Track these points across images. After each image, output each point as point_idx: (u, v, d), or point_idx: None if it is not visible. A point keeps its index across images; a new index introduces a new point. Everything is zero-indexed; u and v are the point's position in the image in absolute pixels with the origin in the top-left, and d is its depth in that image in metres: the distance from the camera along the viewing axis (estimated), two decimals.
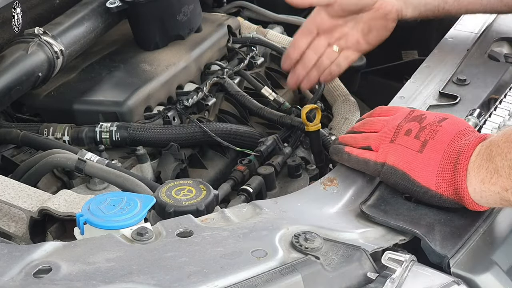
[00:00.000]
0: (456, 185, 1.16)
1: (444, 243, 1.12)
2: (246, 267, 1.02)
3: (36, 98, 1.70)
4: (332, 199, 1.23)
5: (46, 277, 0.98)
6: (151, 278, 0.99)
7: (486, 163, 1.13)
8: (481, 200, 1.15)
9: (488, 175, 1.13)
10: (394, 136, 1.23)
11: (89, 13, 1.78)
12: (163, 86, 1.74)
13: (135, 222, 1.11)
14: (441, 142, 1.19)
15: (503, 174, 1.11)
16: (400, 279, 1.04)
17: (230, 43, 1.97)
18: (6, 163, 1.56)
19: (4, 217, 1.33)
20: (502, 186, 1.11)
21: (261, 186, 1.45)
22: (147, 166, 1.57)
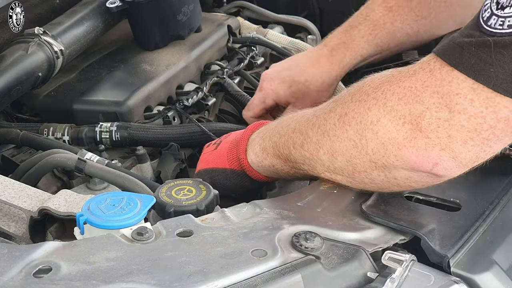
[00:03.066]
0: (239, 158, 1.35)
1: (444, 242, 1.12)
2: (246, 266, 1.02)
3: (36, 98, 1.70)
4: (332, 199, 1.22)
5: (46, 277, 0.98)
6: (151, 278, 0.99)
7: (260, 140, 1.33)
8: (259, 169, 1.34)
9: (260, 150, 1.32)
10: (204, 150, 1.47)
11: (89, 13, 1.78)
12: (163, 86, 1.74)
13: (135, 222, 1.11)
14: (231, 137, 1.40)
15: (269, 152, 1.30)
16: (400, 278, 1.04)
17: (230, 43, 1.97)
18: (6, 163, 1.56)
19: (4, 217, 1.33)
20: (270, 162, 1.31)
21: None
22: (147, 166, 1.57)
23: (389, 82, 1.13)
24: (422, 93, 1.08)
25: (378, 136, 1.12)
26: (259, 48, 2.00)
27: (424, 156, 1.09)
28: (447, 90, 1.06)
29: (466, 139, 1.07)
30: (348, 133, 1.15)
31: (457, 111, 1.06)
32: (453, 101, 1.06)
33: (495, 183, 1.26)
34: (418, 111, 1.08)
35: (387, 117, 1.11)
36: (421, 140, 1.08)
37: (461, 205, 1.20)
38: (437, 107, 1.07)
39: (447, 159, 1.09)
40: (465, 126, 1.06)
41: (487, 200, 1.21)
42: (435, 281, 1.06)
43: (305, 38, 2.14)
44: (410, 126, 1.09)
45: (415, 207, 1.21)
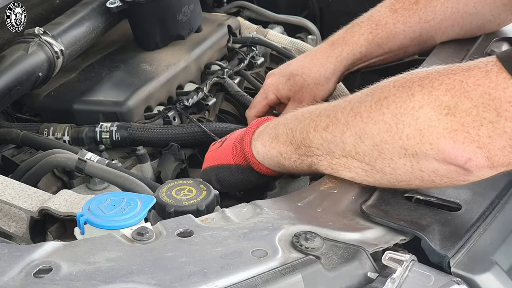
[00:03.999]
0: (244, 152, 1.34)
1: (444, 243, 1.12)
2: (246, 267, 1.02)
3: (36, 98, 1.70)
4: (332, 199, 1.22)
5: (47, 277, 0.98)
6: (152, 278, 0.99)
7: (270, 130, 1.32)
8: (264, 161, 1.33)
9: (269, 139, 1.31)
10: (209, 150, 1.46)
11: (89, 13, 1.78)
12: (163, 86, 1.74)
13: (135, 222, 1.11)
14: (235, 134, 1.40)
15: (281, 140, 1.28)
16: (400, 279, 1.04)
17: (230, 43, 1.97)
18: (6, 163, 1.56)
19: (5, 217, 1.33)
20: (278, 151, 1.29)
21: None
22: (147, 166, 1.57)
23: (439, 72, 1.12)
24: (472, 89, 1.07)
25: (417, 122, 1.11)
26: (259, 48, 2.00)
27: (460, 149, 1.09)
28: (499, 95, 1.06)
29: (505, 145, 1.07)
30: (385, 116, 1.14)
31: (504, 117, 1.05)
32: (503, 107, 1.05)
33: (495, 183, 1.26)
34: (465, 106, 1.07)
35: (431, 105, 1.10)
36: (461, 134, 1.08)
37: (461, 205, 1.20)
38: (485, 107, 1.06)
39: (481, 157, 1.08)
40: (508, 133, 1.06)
41: (487, 200, 1.21)
42: (436, 281, 1.06)
43: (305, 38, 2.15)
44: (453, 118, 1.08)
45: (415, 207, 1.21)
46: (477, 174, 1.12)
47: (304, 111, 1.30)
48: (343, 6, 1.74)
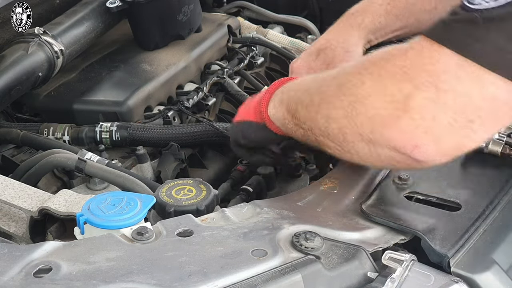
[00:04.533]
0: (261, 111, 1.35)
1: (444, 242, 1.12)
2: (246, 266, 1.02)
3: (36, 98, 1.70)
4: (332, 199, 1.23)
5: (46, 276, 0.98)
6: (151, 277, 0.99)
7: (280, 93, 1.33)
8: (277, 122, 1.34)
9: (278, 102, 1.32)
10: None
11: (89, 13, 1.78)
12: (163, 86, 1.74)
13: (135, 222, 1.11)
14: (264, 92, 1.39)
15: (284, 105, 1.31)
16: (400, 278, 1.04)
17: (230, 43, 1.97)
18: (6, 163, 1.56)
19: (4, 217, 1.33)
20: (282, 115, 1.31)
21: (261, 186, 1.45)
22: (147, 166, 1.57)
23: (385, 59, 1.13)
24: (412, 71, 1.08)
25: (367, 110, 1.13)
26: (259, 48, 2.00)
27: (406, 138, 1.09)
28: (435, 68, 1.06)
29: (450, 121, 1.06)
30: (343, 102, 1.16)
31: (443, 90, 1.06)
32: (441, 79, 1.06)
33: (495, 183, 1.26)
34: (407, 90, 1.08)
35: (377, 93, 1.12)
36: (406, 121, 1.08)
37: (461, 205, 1.20)
38: (425, 86, 1.07)
39: (428, 143, 1.08)
40: (451, 106, 1.06)
41: (487, 200, 1.21)
42: (435, 281, 1.06)
43: (305, 38, 2.14)
44: (397, 105, 1.09)
45: (415, 207, 1.21)
46: (430, 163, 1.11)
47: (304, 79, 1.33)
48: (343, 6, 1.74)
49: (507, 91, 1.04)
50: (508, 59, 1.02)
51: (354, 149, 1.17)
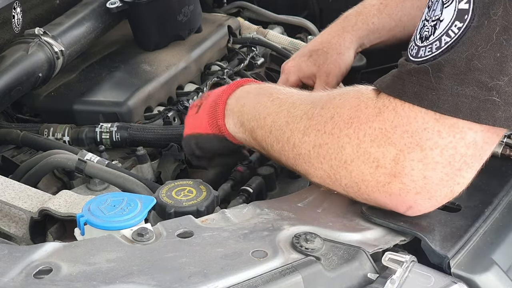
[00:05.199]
0: (218, 124, 1.35)
1: (444, 243, 1.12)
2: (247, 267, 1.02)
3: (36, 99, 1.70)
4: (332, 200, 1.22)
5: (47, 277, 0.98)
6: (152, 278, 0.99)
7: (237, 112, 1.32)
8: (239, 137, 1.34)
9: (238, 123, 1.32)
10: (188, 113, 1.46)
11: (89, 14, 1.78)
12: (163, 86, 1.74)
13: (135, 223, 1.11)
14: (210, 99, 1.38)
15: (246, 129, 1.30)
16: (400, 279, 1.04)
17: (230, 43, 1.97)
18: (6, 164, 1.56)
19: (5, 217, 1.33)
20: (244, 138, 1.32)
21: (261, 186, 1.45)
22: (147, 167, 1.57)
23: (359, 119, 1.10)
24: (392, 134, 1.06)
25: (352, 176, 1.12)
26: (259, 48, 2.00)
27: (398, 201, 1.09)
28: (414, 128, 1.05)
29: (441, 176, 1.06)
30: (323, 165, 1.15)
31: (428, 148, 1.05)
32: (423, 138, 1.04)
33: (495, 183, 1.26)
34: (391, 154, 1.06)
35: (360, 159, 1.10)
36: (395, 185, 1.08)
37: (461, 206, 1.20)
38: (409, 147, 1.05)
39: (421, 202, 1.09)
40: (439, 162, 1.05)
41: (487, 201, 1.21)
42: (435, 282, 1.06)
43: (305, 38, 2.14)
44: (384, 170, 1.08)
45: None
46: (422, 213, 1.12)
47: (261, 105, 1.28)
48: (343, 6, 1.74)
49: (484, 133, 1.04)
50: (465, 103, 1.01)
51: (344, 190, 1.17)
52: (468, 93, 1.01)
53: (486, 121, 1.02)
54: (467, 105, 1.01)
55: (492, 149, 1.09)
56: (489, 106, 1.01)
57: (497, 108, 1.01)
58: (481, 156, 1.07)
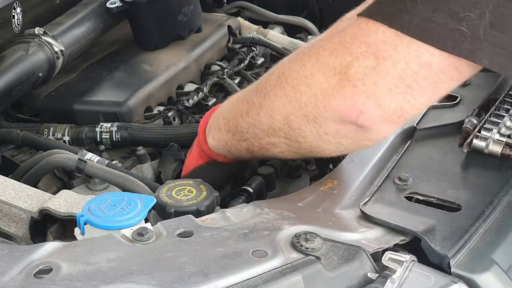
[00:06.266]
0: (203, 150, 1.37)
1: (444, 243, 1.12)
2: (247, 267, 1.02)
3: (36, 98, 1.70)
4: (332, 200, 1.23)
5: (47, 277, 0.98)
6: (152, 278, 0.99)
7: (214, 122, 1.35)
8: (222, 152, 1.36)
9: (216, 131, 1.34)
10: None
11: (89, 14, 1.78)
12: (163, 86, 1.74)
13: (135, 223, 1.11)
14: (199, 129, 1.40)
15: (222, 130, 1.32)
16: (400, 279, 1.04)
17: (230, 43, 1.97)
18: (7, 163, 1.56)
19: (5, 217, 1.33)
20: (224, 140, 1.33)
21: (261, 186, 1.45)
22: (147, 167, 1.57)
23: (322, 39, 1.18)
24: (351, 44, 1.12)
25: (311, 88, 1.16)
26: (259, 48, 2.00)
27: (350, 104, 1.12)
28: (373, 39, 1.10)
29: (390, 86, 1.10)
30: (286, 90, 1.20)
31: (382, 58, 1.09)
32: (379, 48, 1.10)
33: (495, 183, 1.26)
34: (347, 61, 1.12)
35: (320, 70, 1.15)
36: (348, 89, 1.12)
37: (461, 205, 1.20)
38: (364, 55, 1.11)
39: (371, 107, 1.12)
40: (390, 72, 1.10)
41: (487, 200, 1.21)
42: (436, 281, 1.06)
43: (305, 38, 2.14)
44: (339, 77, 1.13)
45: (415, 207, 1.21)
46: (376, 130, 1.15)
47: (234, 97, 1.36)
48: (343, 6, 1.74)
49: (441, 59, 1.08)
50: (435, 29, 1.06)
51: (301, 136, 1.20)
52: (439, 21, 1.05)
53: (451, 50, 1.06)
54: (436, 32, 1.06)
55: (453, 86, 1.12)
56: (456, 35, 1.05)
57: (464, 39, 1.05)
58: (435, 84, 1.11)
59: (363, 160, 1.31)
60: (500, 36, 1.06)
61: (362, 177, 1.28)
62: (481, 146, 1.31)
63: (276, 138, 1.24)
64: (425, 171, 1.29)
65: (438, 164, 1.32)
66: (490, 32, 1.05)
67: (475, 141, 1.31)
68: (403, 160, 1.33)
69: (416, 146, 1.37)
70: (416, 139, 1.39)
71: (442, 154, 1.35)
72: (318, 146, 1.21)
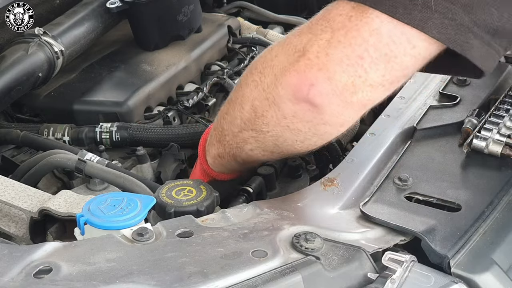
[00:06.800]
0: (204, 169, 1.38)
1: (444, 243, 1.12)
2: (247, 267, 1.02)
3: (36, 99, 1.70)
4: (332, 200, 1.23)
5: (47, 277, 0.98)
6: (152, 278, 0.99)
7: (210, 138, 1.35)
8: (216, 168, 1.36)
9: (211, 147, 1.34)
10: None
11: (89, 14, 1.78)
12: (163, 86, 1.74)
13: (135, 223, 1.11)
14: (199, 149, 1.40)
15: (214, 143, 1.32)
16: (400, 279, 1.04)
17: (230, 43, 1.97)
18: (6, 164, 1.56)
19: (5, 217, 1.33)
20: (217, 153, 1.33)
21: (261, 186, 1.45)
22: (147, 167, 1.57)
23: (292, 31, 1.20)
24: (314, 24, 1.14)
25: (273, 69, 1.17)
26: (259, 48, 2.00)
27: (302, 78, 1.12)
28: (333, 14, 1.12)
29: (341, 57, 1.10)
30: (253, 75, 1.21)
31: (337, 29, 1.11)
32: (336, 21, 1.11)
33: (495, 183, 1.26)
34: (307, 38, 1.14)
35: (283, 51, 1.17)
36: (302, 62, 1.13)
37: (461, 205, 1.20)
38: (323, 30, 1.12)
39: (322, 81, 1.11)
40: (342, 41, 1.10)
41: (487, 200, 1.21)
42: (435, 281, 1.06)
43: None
44: (298, 54, 1.14)
45: (415, 207, 1.21)
46: (329, 108, 1.13)
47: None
48: None
49: (392, 26, 1.08)
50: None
51: (264, 123, 1.20)
52: None
53: (402, 18, 1.07)
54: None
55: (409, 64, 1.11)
56: (407, 3, 1.06)
57: (415, 7, 1.06)
58: (387, 57, 1.10)
59: (363, 160, 1.31)
60: (450, 7, 1.06)
61: (362, 177, 1.28)
62: (481, 146, 1.31)
63: (246, 133, 1.24)
64: (425, 171, 1.29)
65: (438, 164, 1.32)
66: (441, 2, 1.05)
67: (475, 141, 1.31)
68: (403, 160, 1.33)
69: (416, 146, 1.37)
70: (416, 139, 1.39)
71: (442, 154, 1.35)
72: (280, 136, 1.20)
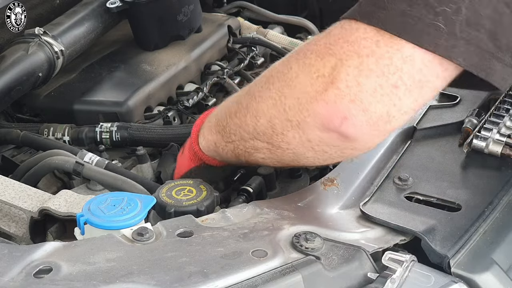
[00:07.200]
0: (195, 151, 1.34)
1: (444, 243, 1.12)
2: (247, 267, 1.02)
3: (36, 98, 1.70)
4: (332, 199, 1.23)
5: (47, 277, 0.98)
6: (152, 278, 0.99)
7: (207, 123, 1.33)
8: (210, 153, 1.33)
9: (207, 131, 1.32)
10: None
11: (89, 13, 1.78)
12: (163, 86, 1.74)
13: (135, 223, 1.11)
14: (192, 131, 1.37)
15: (213, 130, 1.30)
16: (400, 279, 1.04)
17: (230, 43, 1.97)
18: (6, 163, 1.56)
19: (5, 217, 1.33)
20: (213, 141, 1.30)
21: (261, 186, 1.45)
22: (147, 167, 1.57)
23: (309, 43, 1.16)
24: (334, 45, 1.10)
25: (295, 91, 1.14)
26: (259, 48, 2.00)
27: (333, 109, 1.09)
28: (355, 37, 1.08)
29: (375, 86, 1.07)
30: (271, 92, 1.17)
31: (365, 55, 1.07)
32: (361, 45, 1.07)
33: (495, 183, 1.26)
34: (331, 63, 1.10)
35: (304, 72, 1.13)
36: (332, 92, 1.09)
37: (461, 205, 1.20)
38: (347, 55, 1.08)
39: (356, 112, 1.08)
40: (374, 70, 1.07)
41: (487, 200, 1.22)
42: (435, 281, 1.06)
43: (305, 38, 2.14)
44: (323, 79, 1.10)
45: (415, 207, 1.21)
46: (361, 138, 1.11)
47: (229, 98, 1.34)
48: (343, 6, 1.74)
49: (422, 53, 1.06)
50: (411, 24, 1.04)
51: (284, 142, 1.17)
52: (415, 14, 1.04)
53: (427, 46, 1.05)
54: (412, 26, 1.05)
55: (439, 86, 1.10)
56: (432, 31, 1.04)
57: (440, 35, 1.04)
58: (421, 82, 1.08)
59: (363, 160, 1.31)
60: (475, 34, 1.04)
61: (362, 177, 1.28)
62: (481, 146, 1.31)
63: (259, 143, 1.21)
64: (425, 171, 1.29)
65: (438, 164, 1.32)
66: (465, 29, 1.04)
67: (475, 141, 1.31)
68: (403, 160, 1.33)
69: (416, 146, 1.37)
70: (416, 139, 1.39)
71: (442, 154, 1.35)
72: (302, 154, 1.18)
